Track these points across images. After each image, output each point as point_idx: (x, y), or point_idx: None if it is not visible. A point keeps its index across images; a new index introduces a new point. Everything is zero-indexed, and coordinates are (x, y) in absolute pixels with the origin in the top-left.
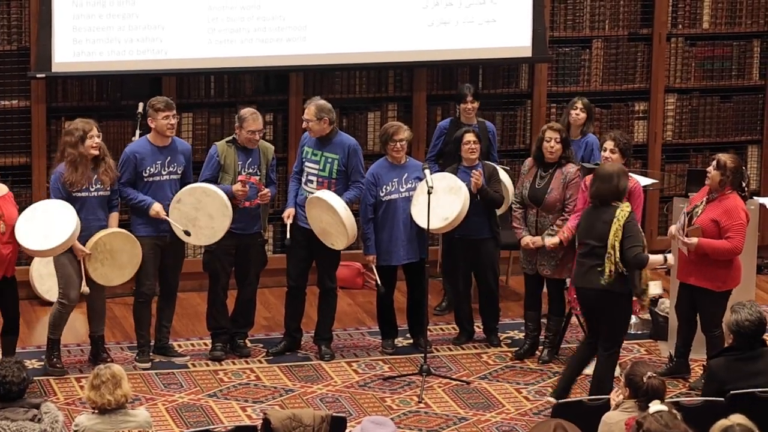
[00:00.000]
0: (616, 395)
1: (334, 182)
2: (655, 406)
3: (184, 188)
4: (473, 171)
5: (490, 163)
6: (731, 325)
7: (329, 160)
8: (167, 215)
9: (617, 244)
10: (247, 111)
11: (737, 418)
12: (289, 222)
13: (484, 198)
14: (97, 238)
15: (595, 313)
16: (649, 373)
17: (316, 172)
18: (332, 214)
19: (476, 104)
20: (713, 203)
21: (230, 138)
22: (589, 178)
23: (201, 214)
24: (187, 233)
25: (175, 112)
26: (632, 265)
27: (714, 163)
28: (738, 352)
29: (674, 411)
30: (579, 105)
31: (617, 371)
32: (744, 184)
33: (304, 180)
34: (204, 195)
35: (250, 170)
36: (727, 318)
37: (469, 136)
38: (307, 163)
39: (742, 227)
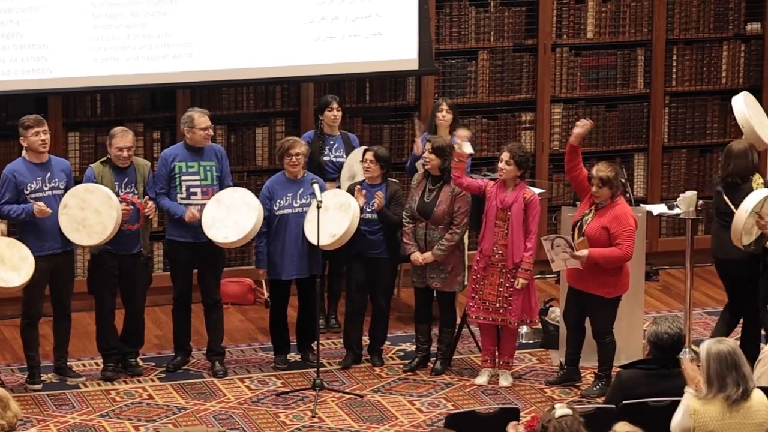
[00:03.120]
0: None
1: (216, 188)
2: (560, 410)
3: (67, 193)
4: (376, 193)
5: (395, 182)
6: (650, 336)
7: (207, 168)
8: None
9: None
10: (117, 129)
11: (621, 428)
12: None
13: (383, 220)
14: None
15: (737, 283)
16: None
17: (198, 182)
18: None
19: (340, 114)
20: (602, 210)
21: (104, 158)
22: (492, 184)
23: (88, 212)
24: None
25: (46, 128)
26: None
27: (597, 182)
28: (652, 366)
29: (578, 417)
30: (444, 107)
31: None
32: (624, 181)
33: (182, 196)
34: (86, 192)
35: (128, 189)
36: (648, 329)
37: (368, 155)
38: (184, 178)
39: (631, 233)
